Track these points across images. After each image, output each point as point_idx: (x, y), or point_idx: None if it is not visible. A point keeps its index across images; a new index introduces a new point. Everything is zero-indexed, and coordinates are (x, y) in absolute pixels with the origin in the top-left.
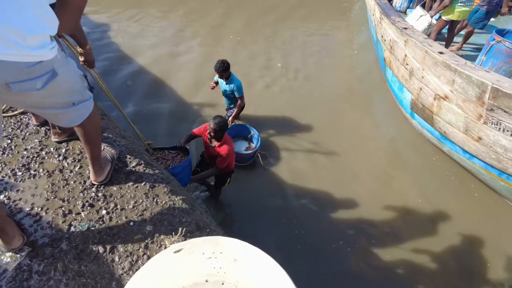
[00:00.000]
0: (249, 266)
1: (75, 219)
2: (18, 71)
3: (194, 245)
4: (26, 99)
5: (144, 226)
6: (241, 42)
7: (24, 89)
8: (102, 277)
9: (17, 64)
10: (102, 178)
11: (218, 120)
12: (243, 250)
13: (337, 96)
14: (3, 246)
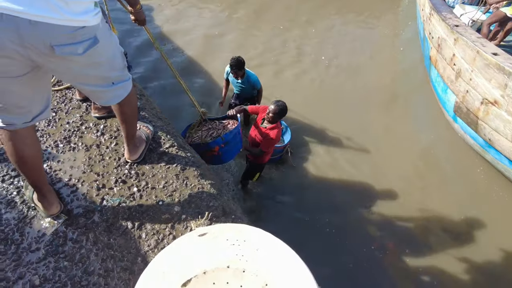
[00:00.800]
0: (271, 257)
1: (107, 193)
2: (62, 34)
3: (219, 230)
4: (68, 66)
5: (172, 207)
6: (277, 29)
7: (66, 53)
8: (129, 252)
9: (60, 27)
10: (135, 156)
11: (281, 104)
12: (266, 240)
13: (374, 92)
14: (43, 211)
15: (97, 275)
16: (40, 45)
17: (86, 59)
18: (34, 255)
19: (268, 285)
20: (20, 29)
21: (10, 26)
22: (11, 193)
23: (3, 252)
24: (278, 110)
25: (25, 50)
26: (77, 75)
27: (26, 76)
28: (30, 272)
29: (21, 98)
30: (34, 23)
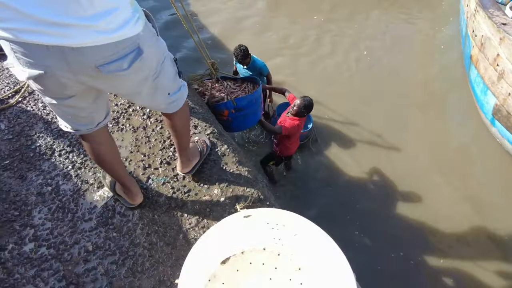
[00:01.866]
0: (308, 243)
1: (153, 173)
2: (104, 53)
3: (262, 214)
4: (118, 83)
5: (211, 189)
6: (315, 19)
7: (112, 71)
8: (171, 228)
9: (101, 47)
10: (187, 170)
11: (307, 99)
12: (305, 227)
13: (409, 89)
14: (127, 202)
15: (142, 247)
16: (87, 68)
17: (133, 73)
18: (87, 224)
19: (301, 269)
20: (67, 57)
21: (56, 55)
22: (67, 167)
23: (61, 219)
24: (303, 105)
25: (75, 75)
26: (130, 90)
27: (82, 94)
28: (84, 239)
29: (81, 111)
30: (77, 49)
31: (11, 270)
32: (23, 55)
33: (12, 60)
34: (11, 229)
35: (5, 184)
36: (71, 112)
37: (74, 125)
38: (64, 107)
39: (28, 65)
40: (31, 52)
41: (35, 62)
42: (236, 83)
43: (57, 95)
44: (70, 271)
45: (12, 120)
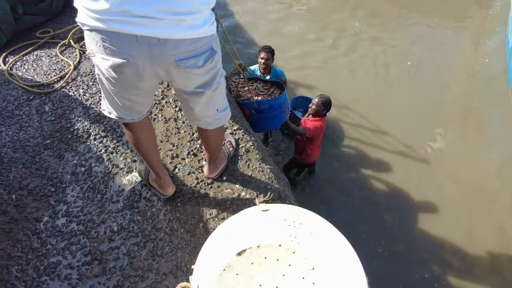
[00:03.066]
0: (323, 244)
1: (180, 163)
2: (184, 48)
3: (280, 210)
4: (187, 80)
5: (234, 183)
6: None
7: (189, 66)
8: (193, 217)
9: (183, 41)
10: (214, 175)
11: (324, 96)
12: (322, 226)
13: (446, 101)
14: (159, 192)
15: (163, 232)
16: (166, 61)
17: (203, 73)
18: (114, 206)
19: (314, 269)
20: (151, 48)
21: (143, 46)
22: (100, 150)
23: (91, 198)
24: (321, 102)
25: (153, 67)
26: (184, 84)
27: (148, 90)
28: (111, 219)
29: (137, 105)
30: (163, 41)
31: (44, 240)
32: (111, 44)
33: (95, 49)
34: (47, 203)
35: (45, 162)
36: (128, 105)
37: (121, 114)
38: (125, 99)
39: (113, 54)
40: (119, 41)
41: (121, 51)
42: (265, 86)
43: (128, 86)
44: (95, 247)
45: (55, 103)
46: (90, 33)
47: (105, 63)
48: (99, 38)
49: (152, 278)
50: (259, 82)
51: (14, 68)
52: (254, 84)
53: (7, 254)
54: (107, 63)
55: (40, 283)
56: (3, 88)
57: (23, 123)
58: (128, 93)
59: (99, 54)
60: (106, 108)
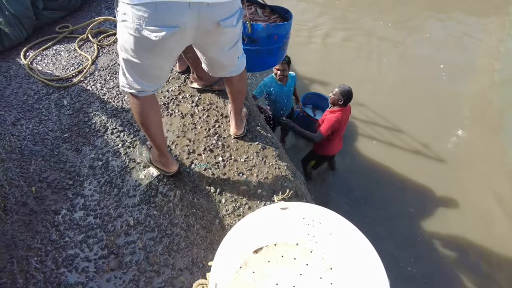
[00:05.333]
0: (343, 244)
1: (196, 158)
2: (225, 9)
3: (299, 208)
4: (220, 39)
5: (250, 180)
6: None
7: (227, 25)
8: (209, 212)
9: (226, 3)
10: (241, 131)
11: (342, 86)
12: (342, 226)
13: (461, 100)
14: (163, 170)
15: (179, 228)
16: (210, 23)
17: (235, 30)
18: (131, 200)
19: (332, 269)
20: (200, 13)
21: (193, 12)
22: (117, 145)
23: (108, 192)
24: (340, 91)
25: (196, 30)
26: (224, 45)
27: (179, 53)
28: (127, 213)
29: (165, 72)
30: (211, 5)
31: (62, 233)
32: (164, 13)
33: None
34: (65, 197)
35: (64, 155)
36: (154, 74)
37: (144, 86)
38: (155, 68)
39: (165, 23)
40: (172, 10)
41: (173, 19)
42: (264, 12)
43: (165, 54)
44: (112, 241)
45: (74, 97)
46: (139, 7)
47: (157, 34)
48: (151, 10)
49: (168, 274)
50: (258, 6)
51: (34, 63)
52: (252, 7)
53: (27, 245)
54: (159, 33)
55: (58, 275)
56: (23, 82)
57: (43, 116)
58: (162, 60)
59: (148, 26)
60: (126, 83)
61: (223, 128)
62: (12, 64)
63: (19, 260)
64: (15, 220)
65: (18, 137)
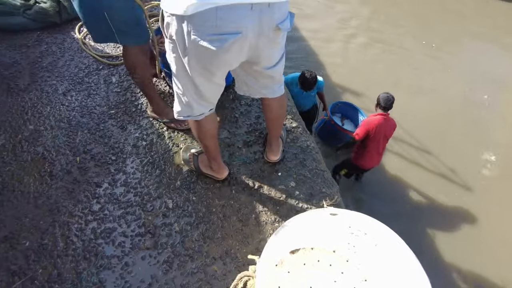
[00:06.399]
0: (387, 257)
1: (235, 151)
2: (282, 10)
3: (348, 216)
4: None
5: (288, 181)
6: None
7: (284, 29)
8: (246, 207)
9: (283, 4)
10: (276, 157)
11: (384, 93)
12: (390, 240)
13: (494, 126)
14: (215, 176)
15: (216, 217)
16: (270, 27)
17: (284, 38)
18: (172, 183)
19: (367, 281)
20: (261, 15)
21: (255, 14)
22: (162, 128)
23: (150, 173)
24: (380, 97)
25: (256, 39)
26: (274, 58)
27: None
28: (167, 195)
29: (220, 90)
30: (272, 5)
31: (102, 205)
32: (226, 19)
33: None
34: (107, 171)
35: (109, 130)
36: (214, 90)
37: (202, 108)
38: (213, 84)
39: (227, 29)
40: (234, 14)
41: (235, 24)
42: None
43: (223, 66)
44: (150, 221)
45: (122, 76)
46: (196, 17)
47: (216, 44)
48: (210, 17)
49: (202, 260)
50: None
51: (87, 38)
52: None
53: (69, 212)
54: (220, 43)
55: (96, 245)
56: (76, 56)
57: (91, 90)
58: (220, 74)
59: (207, 35)
60: (183, 111)
61: (263, 125)
62: (67, 37)
63: (60, 225)
64: (59, 187)
65: (67, 107)
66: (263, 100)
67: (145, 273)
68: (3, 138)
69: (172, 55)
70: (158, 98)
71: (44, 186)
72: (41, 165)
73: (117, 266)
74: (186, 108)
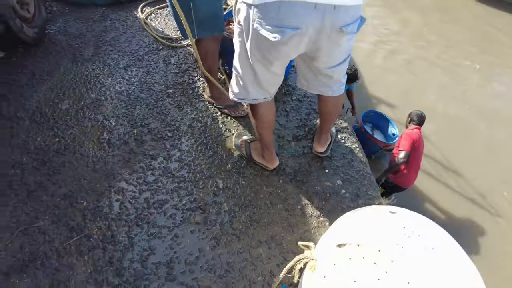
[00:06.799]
0: (437, 263)
1: (285, 144)
2: (350, 14)
3: (405, 216)
4: (337, 48)
5: (335, 178)
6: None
7: (349, 32)
8: (292, 197)
9: (351, 8)
10: (323, 149)
11: (415, 110)
12: (446, 246)
13: None
14: (266, 166)
15: (264, 203)
16: (332, 28)
17: (351, 40)
18: (223, 165)
19: (410, 283)
20: (324, 16)
21: (318, 14)
22: (217, 112)
23: (203, 153)
24: (412, 114)
25: (315, 36)
26: (337, 58)
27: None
28: (218, 176)
29: (277, 79)
30: (337, 7)
31: (156, 178)
32: (288, 13)
33: (264, 22)
34: (163, 146)
35: (166, 108)
36: (271, 79)
37: (258, 94)
38: (271, 73)
39: (288, 23)
40: (297, 10)
41: (296, 20)
42: None
43: (282, 57)
44: (201, 197)
45: (181, 58)
46: (261, 7)
47: (274, 35)
48: (274, 10)
49: (247, 242)
50: None
51: (149, 19)
52: None
53: (124, 179)
54: (278, 35)
55: (148, 214)
56: (137, 34)
57: (151, 68)
58: (276, 66)
59: (268, 26)
60: (239, 94)
61: (313, 122)
62: (130, 16)
63: (116, 191)
64: (116, 155)
65: (127, 81)
66: (319, 96)
67: (193, 246)
68: (67, 103)
69: (238, 39)
70: (218, 84)
71: (102, 152)
72: (100, 133)
73: (167, 236)
74: (242, 90)
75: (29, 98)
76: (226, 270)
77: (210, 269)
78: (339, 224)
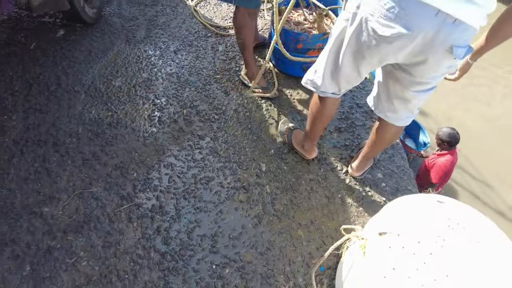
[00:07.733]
0: (481, 257)
1: (327, 135)
2: (466, 34)
3: (453, 207)
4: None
5: (376, 172)
6: None
7: (456, 55)
8: (332, 186)
9: (470, 29)
10: (358, 174)
11: (442, 130)
12: (494, 240)
13: None
14: (306, 155)
15: (304, 188)
16: (443, 44)
17: (450, 67)
18: (266, 150)
19: (448, 276)
20: (441, 27)
21: (436, 22)
22: (261, 100)
23: (247, 137)
24: (443, 135)
25: (423, 47)
26: (424, 82)
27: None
28: (261, 159)
29: (359, 79)
30: (458, 23)
31: (204, 156)
32: (406, 11)
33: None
34: (210, 127)
35: (213, 92)
36: (350, 77)
37: (339, 89)
38: (355, 70)
39: (400, 22)
40: (416, 11)
41: (411, 21)
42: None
43: (378, 56)
44: (245, 178)
45: (228, 46)
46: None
47: (384, 29)
48: (394, 3)
49: (288, 223)
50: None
51: (198, 6)
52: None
53: (173, 155)
54: (389, 30)
55: (195, 189)
56: (187, 20)
57: (200, 54)
58: (368, 64)
59: (381, 19)
60: (312, 81)
61: (355, 116)
62: (180, 3)
63: (165, 165)
64: (166, 132)
65: (178, 65)
66: (381, 120)
67: (237, 223)
68: (120, 80)
69: (339, 26)
70: (253, 63)
71: (153, 128)
72: (151, 110)
73: (212, 211)
74: (316, 78)
75: (85, 73)
76: (267, 248)
77: (252, 246)
78: (384, 211)
